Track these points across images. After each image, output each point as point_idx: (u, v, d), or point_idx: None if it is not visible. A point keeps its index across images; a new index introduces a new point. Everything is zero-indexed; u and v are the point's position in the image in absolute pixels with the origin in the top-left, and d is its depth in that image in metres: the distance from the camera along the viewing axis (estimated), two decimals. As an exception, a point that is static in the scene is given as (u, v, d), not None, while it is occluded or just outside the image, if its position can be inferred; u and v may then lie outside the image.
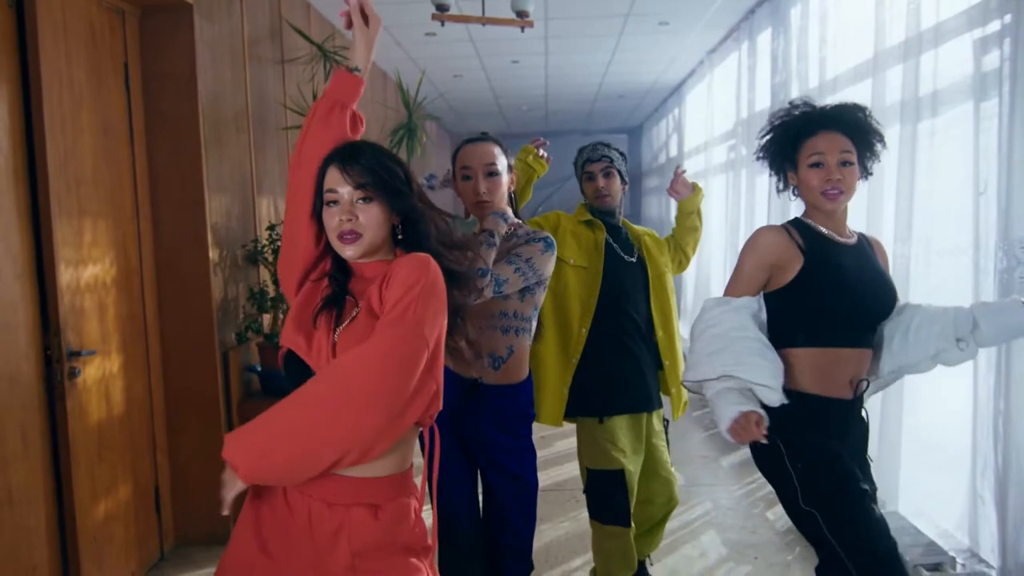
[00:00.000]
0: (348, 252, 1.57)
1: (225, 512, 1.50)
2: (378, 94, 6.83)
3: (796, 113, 2.09)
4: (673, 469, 2.92)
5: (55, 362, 2.70)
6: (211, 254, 3.47)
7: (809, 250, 2.00)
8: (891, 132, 3.44)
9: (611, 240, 2.78)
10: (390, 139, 4.51)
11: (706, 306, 2.08)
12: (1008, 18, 2.66)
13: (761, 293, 2.08)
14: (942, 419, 3.25)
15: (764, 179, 5.03)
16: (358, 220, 1.56)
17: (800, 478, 1.96)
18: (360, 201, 1.56)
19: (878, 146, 2.07)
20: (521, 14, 3.68)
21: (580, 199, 2.92)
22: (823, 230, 2.04)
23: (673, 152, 9.35)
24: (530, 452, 2.41)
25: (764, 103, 5.33)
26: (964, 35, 2.97)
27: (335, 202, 1.57)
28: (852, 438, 2.06)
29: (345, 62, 1.72)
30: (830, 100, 4.05)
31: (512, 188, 2.39)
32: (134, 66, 3.32)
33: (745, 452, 4.69)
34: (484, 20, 3.74)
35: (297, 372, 1.56)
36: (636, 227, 2.94)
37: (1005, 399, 2.66)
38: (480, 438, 2.34)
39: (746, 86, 5.81)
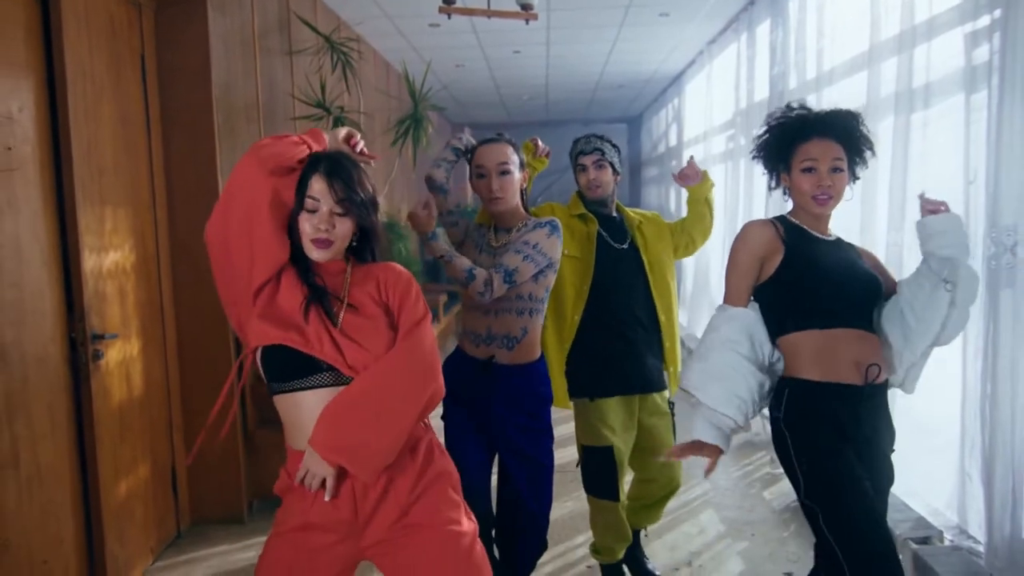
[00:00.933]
0: (317, 255, 1.74)
1: (328, 497, 1.68)
2: (381, 83, 6.91)
3: (792, 116, 2.15)
4: None
5: (80, 345, 2.81)
6: (225, 241, 3.56)
7: (790, 241, 2.10)
8: (885, 123, 3.55)
9: (602, 230, 2.89)
10: (396, 130, 4.60)
11: (716, 311, 2.17)
12: (998, 13, 2.75)
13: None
14: (933, 403, 3.35)
15: (762, 169, 5.13)
16: (334, 230, 1.72)
17: (804, 473, 2.01)
18: (337, 214, 1.72)
19: (867, 153, 2.17)
20: (525, 7, 3.77)
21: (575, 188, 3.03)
22: (805, 227, 2.14)
23: (673, 142, 9.43)
24: (546, 434, 2.52)
25: (763, 94, 5.41)
26: (956, 29, 3.07)
27: (314, 210, 1.71)
28: (867, 429, 2.04)
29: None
30: (827, 91, 4.22)
31: (524, 184, 2.53)
32: (150, 58, 3.41)
33: (742, 435, 4.81)
34: (490, 13, 3.82)
35: (287, 364, 1.69)
36: (633, 213, 2.99)
37: (992, 383, 2.76)
38: (495, 419, 2.45)
39: (745, 77, 5.88)
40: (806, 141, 2.10)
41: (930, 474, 3.37)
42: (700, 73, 7.60)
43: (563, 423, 4.85)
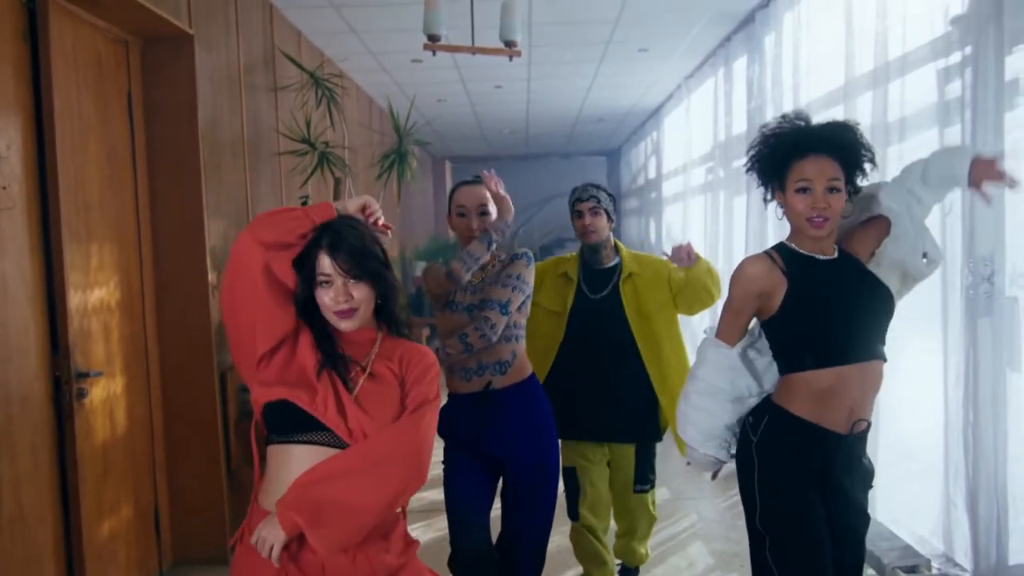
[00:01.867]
0: (344, 325, 1.74)
1: (277, 564, 1.64)
2: (364, 118, 6.96)
3: (787, 128, 2.04)
4: (652, 498, 3.15)
5: (64, 383, 2.77)
6: (210, 276, 3.56)
7: (792, 274, 2.00)
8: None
9: (582, 282, 3.07)
10: (380, 164, 4.64)
11: (703, 343, 2.14)
12: (968, 50, 2.84)
13: (758, 325, 2.11)
14: (916, 429, 3.40)
15: (742, 201, 5.20)
16: (353, 298, 1.72)
17: (762, 501, 2.01)
18: (351, 281, 1.72)
19: (867, 165, 2.07)
20: (509, 44, 3.81)
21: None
22: (805, 252, 2.04)
23: (652, 174, 9.54)
24: (554, 446, 2.66)
25: (741, 127, 5.51)
26: (928, 65, 3.16)
27: (328, 283, 1.72)
28: (839, 472, 2.02)
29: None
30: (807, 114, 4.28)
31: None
32: (137, 94, 3.42)
33: (728, 466, 4.82)
34: (474, 50, 3.87)
35: (287, 417, 1.68)
36: (631, 260, 3.07)
37: (974, 410, 2.81)
38: (506, 442, 2.53)
39: (723, 110, 5.98)
40: (801, 158, 1.98)
41: (915, 501, 3.40)
42: (679, 107, 7.73)
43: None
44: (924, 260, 2.05)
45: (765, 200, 2.15)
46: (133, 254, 3.36)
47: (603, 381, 3.00)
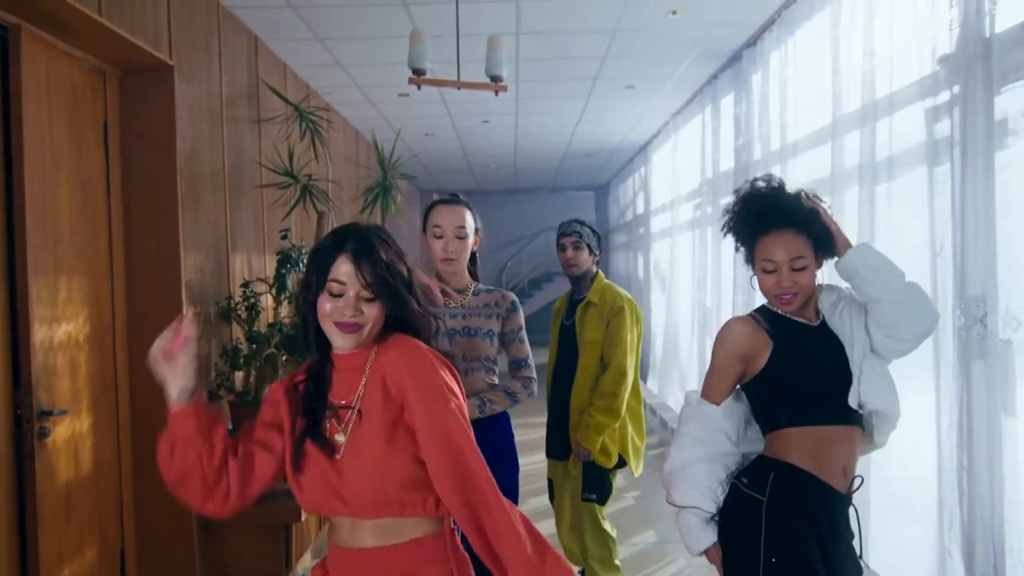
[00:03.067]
0: (342, 341, 1.56)
1: None
2: (351, 151, 6.92)
3: (751, 203, 2.03)
4: (601, 524, 3.29)
5: (25, 422, 2.66)
6: (185, 311, 3.46)
7: (776, 335, 1.99)
8: (850, 194, 3.59)
9: (564, 312, 3.45)
10: (364, 198, 4.58)
11: (688, 399, 2.10)
12: (957, 88, 2.82)
13: (739, 390, 2.07)
14: (909, 475, 3.31)
15: (730, 238, 5.17)
16: (363, 314, 1.55)
17: (766, 566, 1.90)
18: (365, 299, 1.55)
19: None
20: (495, 78, 3.78)
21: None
22: (788, 316, 2.03)
23: (640, 209, 9.54)
24: (510, 476, 2.59)
25: (728, 164, 5.50)
26: (916, 104, 3.14)
27: (339, 294, 1.54)
28: (839, 529, 1.98)
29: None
30: (792, 162, 4.27)
31: (476, 248, 2.68)
32: (113, 124, 3.35)
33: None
34: (459, 84, 3.84)
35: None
36: (593, 293, 3.30)
37: (968, 456, 2.73)
38: None
39: (710, 147, 5.98)
40: (765, 235, 1.97)
41: (908, 548, 3.30)
42: (666, 143, 7.74)
43: (535, 496, 4.73)
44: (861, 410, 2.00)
45: (746, 260, 2.13)
46: (105, 287, 3.26)
47: (558, 402, 3.33)
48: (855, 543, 2.04)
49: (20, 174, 2.65)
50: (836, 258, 2.04)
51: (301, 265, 4.23)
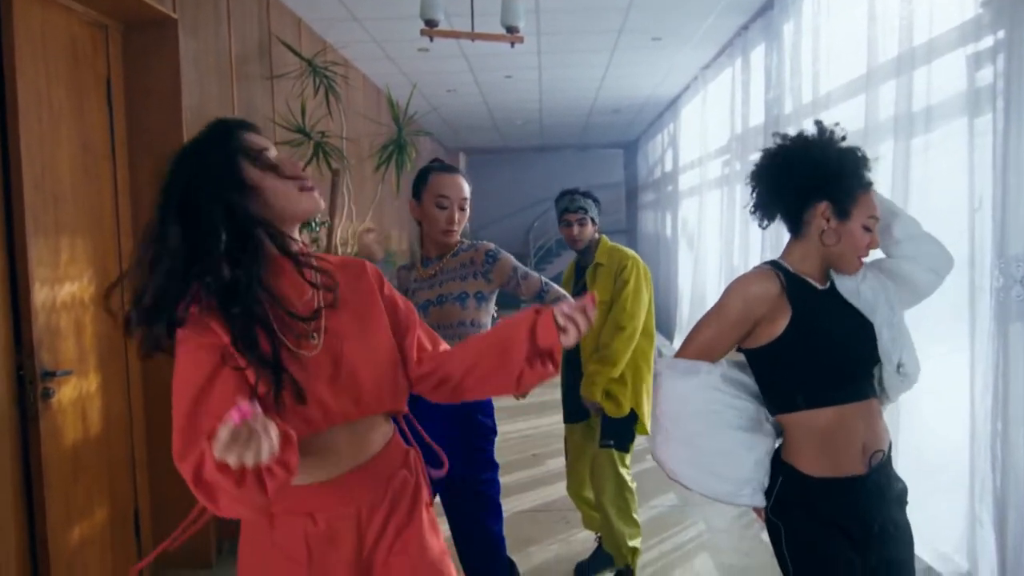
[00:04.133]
0: (310, 204, 1.45)
1: None
2: (371, 110, 6.80)
3: (850, 148, 1.84)
4: (618, 479, 3.20)
5: (28, 383, 2.63)
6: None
7: (796, 300, 1.79)
8: (884, 147, 3.41)
9: (573, 279, 3.39)
10: (379, 156, 4.47)
11: (664, 373, 1.86)
12: (1001, 34, 2.62)
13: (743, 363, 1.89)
14: (940, 442, 3.18)
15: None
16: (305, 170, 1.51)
17: (793, 562, 1.79)
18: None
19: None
20: (511, 29, 3.63)
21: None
22: (806, 278, 1.85)
23: (668, 167, 9.32)
24: (490, 466, 2.48)
25: (758, 119, 5.30)
26: (957, 50, 2.94)
27: (263, 148, 1.43)
28: (872, 510, 1.79)
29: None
30: (824, 115, 4.07)
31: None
32: (117, 81, 3.27)
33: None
34: (473, 36, 3.69)
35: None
36: (600, 255, 3.26)
37: (1003, 421, 2.60)
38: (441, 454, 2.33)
39: (740, 101, 5.78)
40: (866, 192, 1.82)
41: (936, 515, 3.18)
42: (695, 98, 7.51)
43: (549, 458, 4.68)
44: (899, 373, 1.84)
45: (762, 225, 1.93)
46: (111, 247, 3.21)
47: (570, 368, 3.25)
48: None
49: (16, 133, 2.58)
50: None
51: (314, 224, 4.15)
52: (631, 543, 3.18)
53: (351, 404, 1.43)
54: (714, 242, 6.57)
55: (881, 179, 3.09)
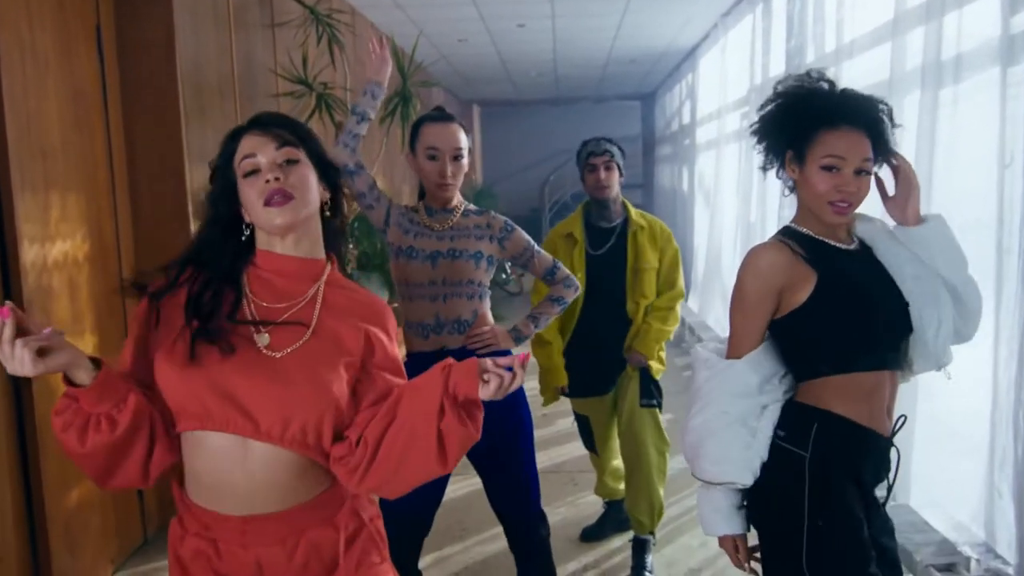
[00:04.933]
0: (279, 219, 1.35)
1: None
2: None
3: (816, 89, 1.69)
4: (659, 439, 3.10)
5: (20, 344, 2.57)
6: (192, 227, 3.33)
7: (819, 262, 1.66)
8: (910, 99, 3.24)
9: (587, 242, 3.09)
10: (384, 108, 4.33)
11: (701, 357, 1.75)
12: (1042, -26, 2.45)
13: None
14: (960, 406, 3.07)
15: (760, 148, 4.82)
16: (287, 180, 1.35)
17: (811, 533, 1.64)
18: (285, 163, 1.37)
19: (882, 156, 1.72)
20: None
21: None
22: (823, 239, 1.71)
23: (686, 119, 9.09)
24: (522, 428, 2.41)
25: (778, 69, 5.10)
26: (993, -7, 2.75)
27: (255, 170, 1.36)
28: (879, 476, 1.75)
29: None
30: (847, 64, 3.89)
31: (466, 170, 2.43)
32: (107, 30, 3.15)
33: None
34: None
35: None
36: (637, 218, 3.07)
37: (1027, 389, 2.49)
38: None
39: (760, 50, 5.57)
40: (833, 129, 1.63)
41: (953, 482, 3.09)
42: (714, 47, 7.27)
43: (559, 417, 4.61)
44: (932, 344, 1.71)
45: (764, 168, 1.79)
46: (106, 203, 3.13)
47: (604, 338, 3.07)
48: (881, 489, 1.77)
49: (-4, 83, 2.48)
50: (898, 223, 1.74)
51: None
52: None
53: (244, 417, 1.32)
54: (731, 197, 6.41)
55: (907, 134, 2.95)
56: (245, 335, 1.36)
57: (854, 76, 3.71)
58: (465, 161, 2.36)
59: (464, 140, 2.36)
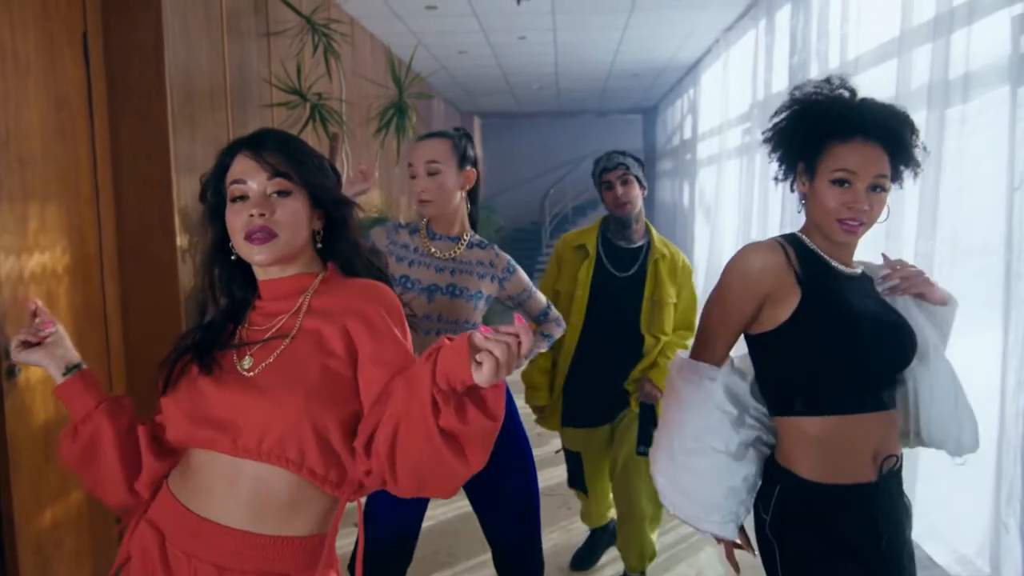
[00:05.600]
0: (259, 256, 1.31)
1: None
2: (379, 72, 6.56)
3: (832, 98, 1.58)
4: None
5: (-8, 359, 2.48)
6: (179, 240, 3.24)
7: (807, 280, 1.54)
8: (917, 118, 3.13)
9: (605, 260, 2.86)
10: (378, 120, 4.26)
11: (680, 369, 1.66)
12: (1053, -8, 2.37)
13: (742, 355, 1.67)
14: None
15: (773, 157, 4.75)
16: (273, 216, 1.30)
17: None
18: (275, 195, 1.31)
19: (909, 171, 1.63)
20: (516, -16, 3.40)
21: (589, 187, 2.93)
22: (825, 256, 1.60)
23: (687, 134, 9.03)
24: (518, 458, 2.34)
25: (781, 84, 5.04)
26: (1001, 11, 2.68)
27: (243, 197, 1.31)
28: (879, 526, 1.57)
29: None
30: (852, 82, 3.81)
31: (469, 185, 2.27)
32: (95, 35, 3.07)
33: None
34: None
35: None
36: (660, 246, 2.89)
37: (1036, 420, 2.40)
38: None
39: (763, 66, 5.51)
40: (845, 141, 1.53)
41: (958, 515, 3.00)
42: (716, 62, 7.21)
43: (554, 437, 4.51)
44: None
45: (776, 179, 1.69)
46: (89, 214, 3.04)
47: (610, 367, 2.88)
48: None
49: (-27, 89, 2.40)
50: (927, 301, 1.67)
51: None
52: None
53: (221, 433, 1.28)
54: (732, 214, 6.33)
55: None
56: (228, 364, 1.34)
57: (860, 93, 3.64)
58: (446, 177, 2.20)
59: (443, 150, 2.21)
